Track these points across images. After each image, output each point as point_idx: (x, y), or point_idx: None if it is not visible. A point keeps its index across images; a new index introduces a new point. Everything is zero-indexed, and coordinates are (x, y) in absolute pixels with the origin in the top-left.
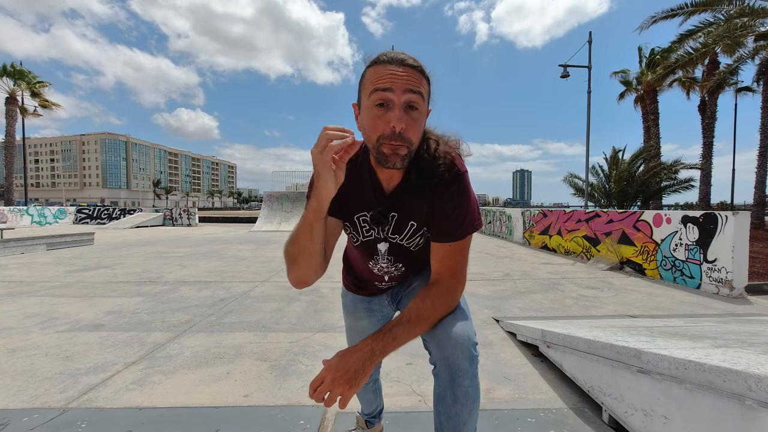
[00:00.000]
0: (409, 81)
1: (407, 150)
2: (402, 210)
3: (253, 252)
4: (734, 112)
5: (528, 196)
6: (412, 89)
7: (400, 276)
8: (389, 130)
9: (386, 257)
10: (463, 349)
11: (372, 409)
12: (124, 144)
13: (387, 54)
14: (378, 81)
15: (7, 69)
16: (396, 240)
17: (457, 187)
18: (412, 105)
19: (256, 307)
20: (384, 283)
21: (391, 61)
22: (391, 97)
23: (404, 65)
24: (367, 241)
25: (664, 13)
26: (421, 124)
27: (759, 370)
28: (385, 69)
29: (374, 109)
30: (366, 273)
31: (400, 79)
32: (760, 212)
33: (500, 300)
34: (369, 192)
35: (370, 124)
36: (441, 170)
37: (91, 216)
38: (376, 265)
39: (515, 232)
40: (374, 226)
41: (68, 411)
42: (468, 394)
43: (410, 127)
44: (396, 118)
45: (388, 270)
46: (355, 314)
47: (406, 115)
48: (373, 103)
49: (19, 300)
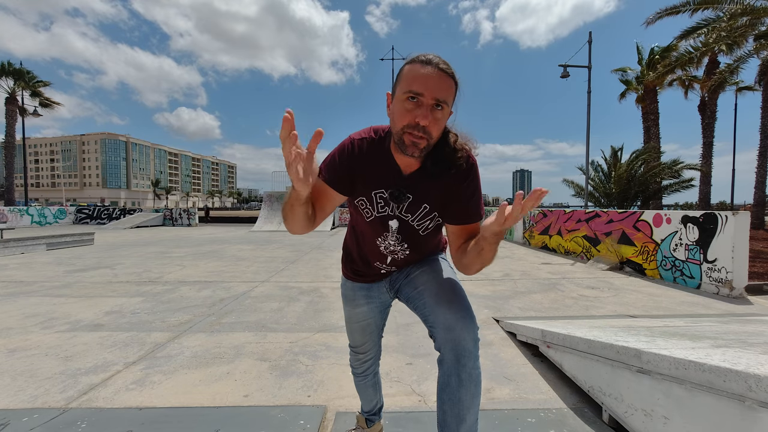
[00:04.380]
0: (439, 86)
1: (426, 143)
2: (417, 192)
3: (253, 252)
4: (734, 112)
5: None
6: (439, 96)
7: (402, 260)
8: (414, 122)
9: (395, 235)
10: (469, 332)
11: (372, 406)
12: (124, 144)
13: (426, 56)
14: (413, 81)
15: (5, 68)
16: (408, 219)
17: (474, 175)
18: (437, 106)
19: (256, 307)
20: (385, 266)
21: (428, 62)
22: (421, 98)
23: (438, 69)
24: (381, 217)
25: (668, 9)
26: (442, 123)
27: (759, 370)
28: (422, 69)
29: (406, 102)
30: (371, 252)
31: (432, 82)
32: (760, 212)
33: (500, 300)
34: (387, 173)
35: (399, 113)
36: (460, 162)
37: (91, 216)
38: (384, 242)
39: (515, 232)
40: (392, 201)
41: (68, 411)
42: (472, 376)
43: (433, 124)
44: (422, 115)
45: (394, 249)
46: (354, 301)
47: (431, 114)
48: (406, 96)
49: (19, 300)
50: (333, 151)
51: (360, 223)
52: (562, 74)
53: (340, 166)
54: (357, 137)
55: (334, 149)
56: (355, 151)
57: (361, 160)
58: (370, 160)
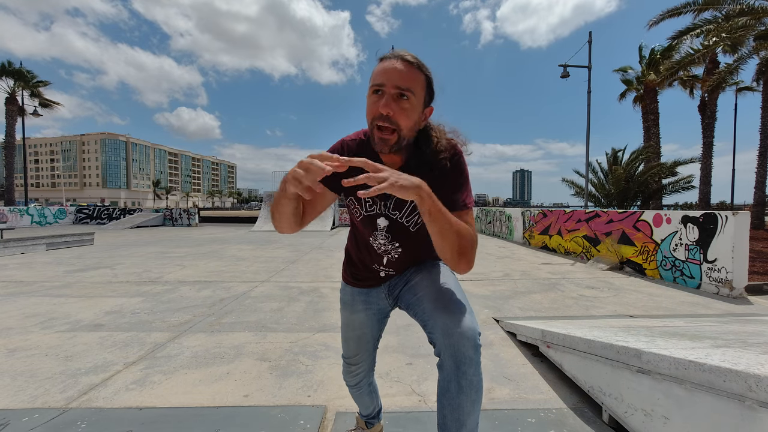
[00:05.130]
0: (401, 75)
1: (396, 136)
2: None
3: (253, 252)
4: (734, 112)
5: (528, 196)
6: (401, 84)
7: (397, 260)
8: (378, 113)
9: (384, 233)
10: (469, 338)
11: (370, 411)
12: (124, 144)
13: (392, 51)
14: (377, 74)
15: (5, 68)
16: (396, 217)
17: (458, 165)
18: (402, 95)
19: (256, 307)
20: (383, 268)
21: (392, 56)
22: (383, 88)
23: (401, 60)
24: (369, 216)
25: (669, 11)
26: (410, 113)
27: (759, 370)
28: (385, 63)
29: (371, 96)
30: (368, 253)
31: (394, 73)
32: (760, 212)
33: (500, 300)
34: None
35: (367, 108)
36: (443, 164)
37: (91, 216)
38: (375, 241)
39: (515, 232)
40: (378, 199)
41: (68, 411)
42: (472, 383)
43: (398, 113)
44: (383, 104)
45: (386, 248)
46: (352, 306)
47: (394, 103)
48: (371, 91)
49: (19, 300)
50: (326, 151)
51: (354, 226)
52: (562, 74)
53: None
54: (347, 139)
55: (328, 150)
56: (345, 151)
57: None
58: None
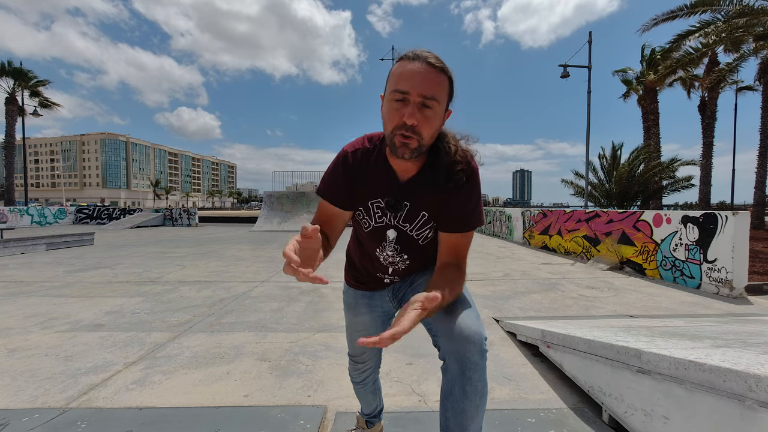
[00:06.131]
0: (426, 82)
1: (417, 143)
2: (415, 200)
3: (253, 252)
4: (734, 112)
5: (528, 196)
6: (426, 92)
7: (403, 270)
8: (401, 122)
9: (393, 245)
10: (475, 343)
11: (372, 410)
12: (124, 144)
13: (414, 51)
14: (400, 78)
15: (5, 68)
16: (406, 229)
17: (471, 183)
18: (426, 104)
19: (256, 307)
20: (387, 277)
21: (415, 57)
22: (408, 96)
23: (426, 63)
24: (378, 227)
25: (664, 15)
26: (434, 122)
27: (759, 370)
28: (408, 65)
29: (393, 102)
30: (372, 262)
31: (419, 79)
32: (760, 212)
33: (500, 300)
34: (384, 180)
35: (388, 114)
36: (459, 176)
37: (91, 216)
38: (383, 253)
39: (515, 232)
40: (388, 211)
41: (68, 411)
42: (477, 388)
43: (422, 123)
44: (409, 114)
45: (393, 260)
46: (356, 309)
47: (419, 113)
48: (393, 97)
49: (19, 300)
50: (329, 167)
51: (358, 235)
52: (562, 74)
53: (338, 181)
54: (350, 149)
55: (330, 165)
56: (350, 162)
57: (357, 170)
58: (366, 169)
